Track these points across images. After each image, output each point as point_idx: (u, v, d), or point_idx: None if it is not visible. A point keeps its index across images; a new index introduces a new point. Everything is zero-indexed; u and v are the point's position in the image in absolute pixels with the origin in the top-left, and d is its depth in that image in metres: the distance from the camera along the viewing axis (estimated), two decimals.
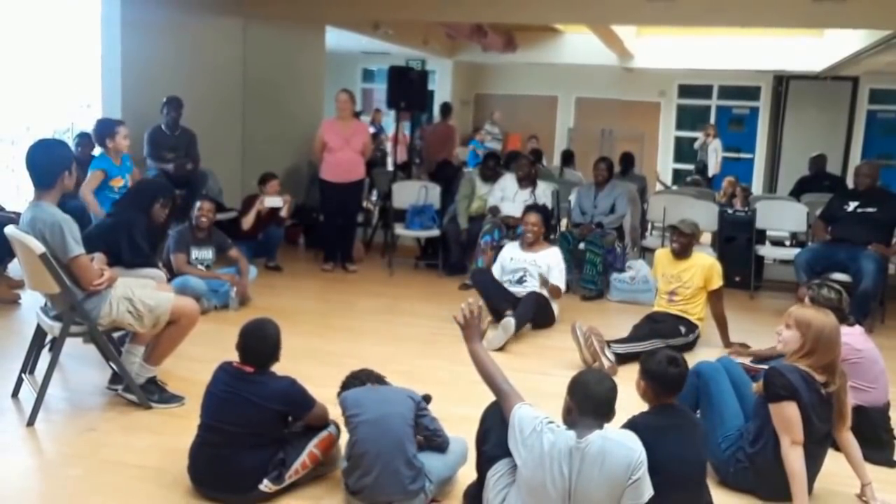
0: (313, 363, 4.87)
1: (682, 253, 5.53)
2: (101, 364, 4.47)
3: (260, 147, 8.98)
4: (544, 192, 7.41)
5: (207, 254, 6.26)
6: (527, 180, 7.41)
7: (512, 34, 13.78)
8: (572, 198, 7.59)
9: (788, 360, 3.36)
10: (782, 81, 14.23)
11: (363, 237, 8.70)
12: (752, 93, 14.86)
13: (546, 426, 2.70)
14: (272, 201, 7.35)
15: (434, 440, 3.18)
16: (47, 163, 3.76)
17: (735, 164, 14.70)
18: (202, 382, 3.30)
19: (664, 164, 15.19)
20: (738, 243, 7.45)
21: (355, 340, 5.56)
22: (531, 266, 5.90)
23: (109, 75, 7.07)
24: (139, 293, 4.01)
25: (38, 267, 3.70)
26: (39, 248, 3.65)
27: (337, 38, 11.20)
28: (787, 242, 8.40)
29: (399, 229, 7.88)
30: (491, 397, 3.04)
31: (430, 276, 7.70)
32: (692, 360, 5.34)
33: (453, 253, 7.66)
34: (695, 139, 14.63)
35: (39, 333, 4.26)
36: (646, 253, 7.83)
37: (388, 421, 3.03)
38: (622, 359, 5.03)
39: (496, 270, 6.06)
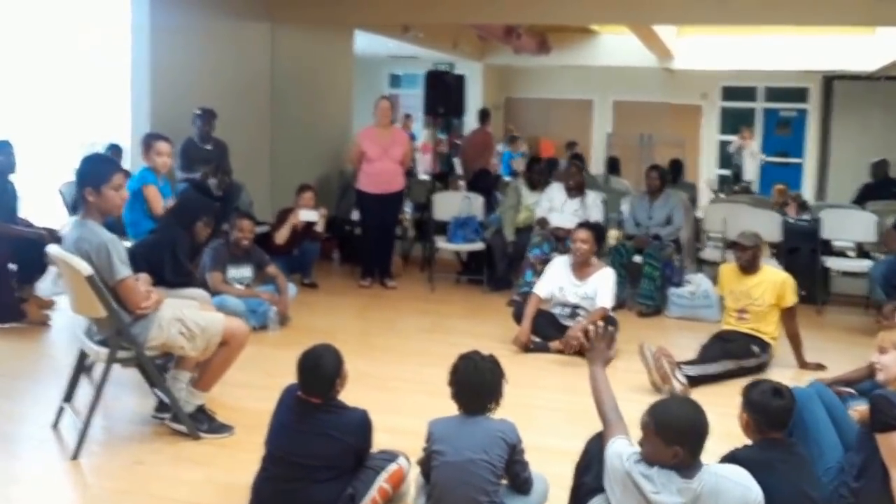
0: (361, 388, 4.71)
1: (749, 268, 5.41)
2: (142, 390, 4.42)
3: (289, 156, 8.94)
4: (594, 202, 7.31)
5: (246, 272, 6.20)
6: (576, 189, 7.31)
7: (545, 36, 13.72)
8: (624, 208, 7.48)
9: (892, 386, 3.24)
10: (831, 82, 14.04)
11: (400, 251, 8.63)
12: (799, 94, 14.70)
13: (636, 465, 2.60)
14: (308, 215, 7.29)
15: (520, 485, 3.06)
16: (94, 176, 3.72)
17: (783, 169, 14.56)
18: (249, 410, 3.25)
19: (707, 171, 15.03)
20: (801, 255, 7.29)
21: (401, 362, 5.48)
22: (583, 300, 5.72)
23: (139, 84, 7.06)
24: (189, 314, 3.95)
25: (85, 290, 3.65)
26: (87, 269, 3.60)
27: (363, 43, 11.18)
28: (851, 253, 8.22)
29: (441, 243, 7.80)
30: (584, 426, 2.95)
31: (474, 292, 7.61)
32: (744, 380, 5.32)
33: (499, 267, 7.57)
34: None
35: (81, 359, 4.21)
36: (703, 266, 7.70)
37: (473, 468, 2.89)
38: (693, 381, 4.90)
39: (542, 290, 5.86)
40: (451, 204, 7.88)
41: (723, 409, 4.73)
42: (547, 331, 5.70)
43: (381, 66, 15.86)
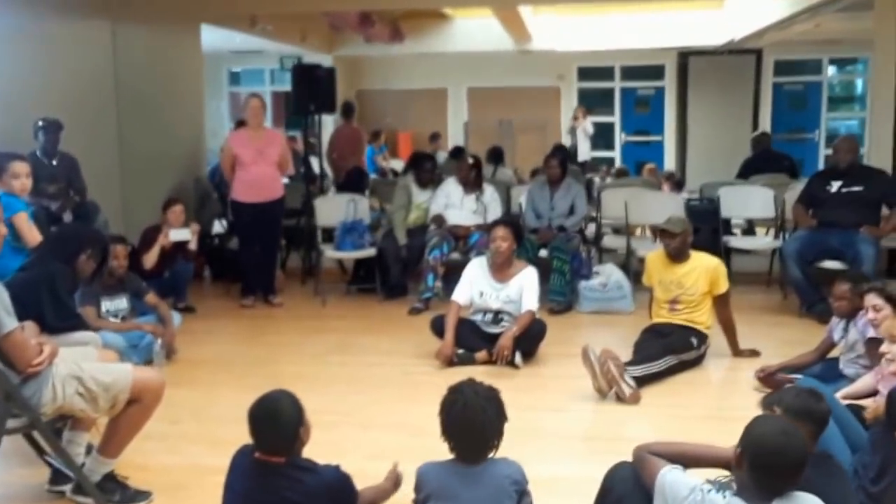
0: None
1: (679, 255, 5.33)
2: (29, 459, 3.77)
3: (140, 165, 8.18)
4: (493, 197, 7.10)
5: (121, 303, 5.55)
6: (472, 183, 7.06)
7: (397, 23, 13.44)
8: (522, 200, 7.31)
9: None
10: (686, 58, 14.54)
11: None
12: (655, 72, 15.13)
13: (708, 495, 2.35)
14: (179, 234, 6.66)
15: None
16: None
17: (644, 147, 14.96)
18: (162, 468, 2.82)
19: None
20: (702, 235, 7.32)
21: (321, 391, 5.00)
22: (506, 304, 5.45)
23: None
24: (89, 369, 3.37)
25: None
26: None
27: (203, 38, 10.49)
28: (737, 231, 8.44)
29: (329, 251, 7.34)
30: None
31: (368, 303, 7.21)
32: (704, 374, 5.28)
33: (392, 273, 7.20)
34: (598, 124, 14.80)
35: None
36: (603, 255, 7.65)
37: None
38: (639, 383, 4.76)
39: (461, 297, 5.54)
40: (336, 208, 7.44)
41: (673, 411, 4.64)
42: (470, 341, 5.41)
43: (221, 63, 15.06)
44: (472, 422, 2.65)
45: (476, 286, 5.51)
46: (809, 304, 6.38)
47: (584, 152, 13.80)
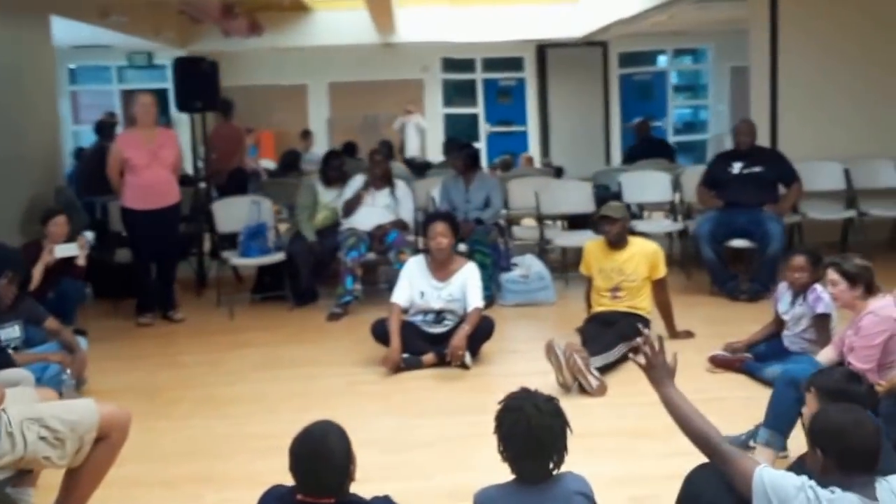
0: (244, 457, 4.01)
1: (619, 242, 5.33)
2: None
3: None
4: (405, 193, 6.89)
5: (14, 332, 4.90)
6: (383, 180, 6.83)
7: (255, 15, 12.90)
8: (435, 193, 7.14)
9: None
10: (544, 50, 14.81)
11: None
12: (516, 63, 15.32)
13: (819, 491, 2.28)
14: (65, 250, 6.01)
15: None
16: None
17: (509, 137, 15.12)
18: None
19: (435, 146, 15.14)
20: None
21: (267, 412, 4.68)
22: (449, 303, 5.27)
23: None
24: (46, 408, 2.94)
25: None
26: None
27: None
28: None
29: (235, 259, 6.89)
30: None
31: (279, 311, 6.81)
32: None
33: (303, 278, 6.86)
34: (464, 115, 14.88)
35: None
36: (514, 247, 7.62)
37: None
38: (600, 373, 4.71)
39: (401, 298, 5.30)
40: (237, 212, 7.00)
41: (638, 399, 4.59)
42: (414, 344, 5.19)
43: (61, 59, 13.94)
44: (540, 441, 2.44)
45: (416, 286, 5.30)
46: (721, 283, 6.59)
47: (414, 148, 13.81)
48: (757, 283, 6.43)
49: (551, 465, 2.49)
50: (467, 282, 5.24)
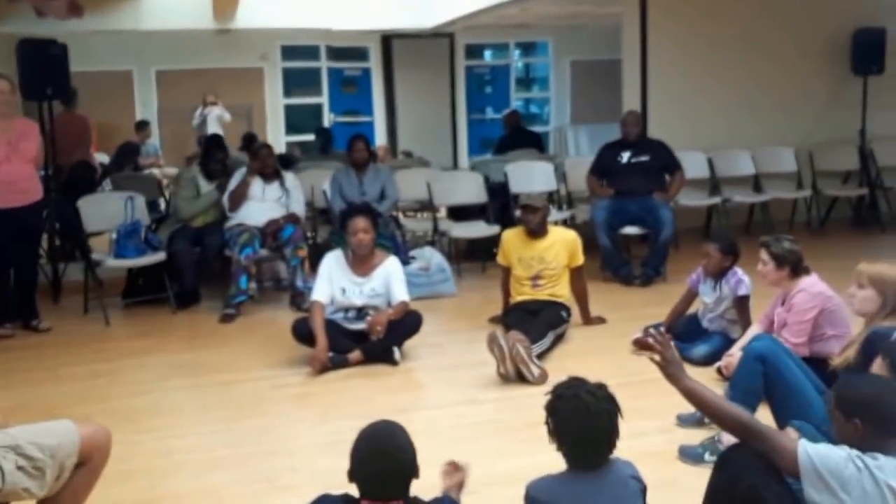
0: (190, 472, 3.72)
1: (540, 230, 5.39)
2: None
3: None
4: (295, 185, 6.63)
5: None
6: (271, 173, 6.55)
7: None
8: (326, 186, 6.92)
9: (871, 323, 3.44)
10: (389, 41, 14.72)
11: None
12: (361, 53, 15.12)
13: (868, 460, 2.37)
14: None
15: None
16: None
17: (355, 128, 14.90)
18: None
19: (275, 137, 14.71)
20: (494, 210, 7.53)
21: (193, 424, 4.35)
22: (371, 299, 5.10)
23: None
24: (21, 434, 2.59)
25: None
26: None
27: None
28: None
29: (110, 261, 6.35)
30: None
31: (160, 315, 6.35)
32: (580, 345, 5.34)
33: (187, 278, 6.45)
34: (307, 106, 14.55)
35: None
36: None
37: None
38: None
39: (322, 295, 5.07)
40: (108, 209, 6.47)
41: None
42: (337, 342, 4.97)
43: None
44: (598, 428, 2.41)
45: (336, 283, 5.09)
46: (615, 268, 6.82)
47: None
48: (649, 267, 6.70)
49: (609, 451, 2.48)
50: (390, 276, 5.10)
